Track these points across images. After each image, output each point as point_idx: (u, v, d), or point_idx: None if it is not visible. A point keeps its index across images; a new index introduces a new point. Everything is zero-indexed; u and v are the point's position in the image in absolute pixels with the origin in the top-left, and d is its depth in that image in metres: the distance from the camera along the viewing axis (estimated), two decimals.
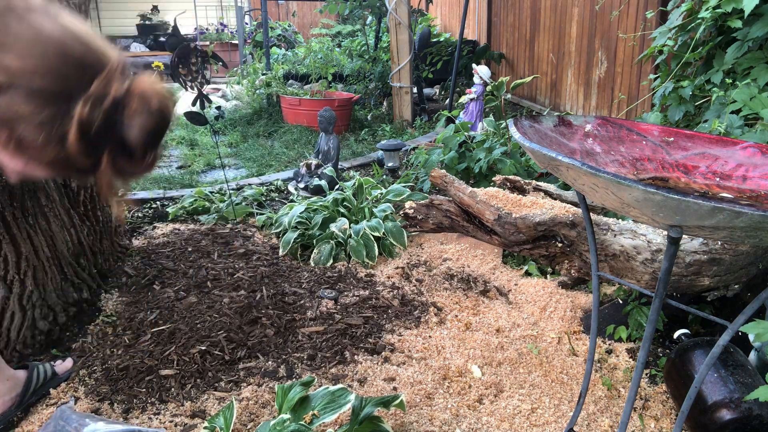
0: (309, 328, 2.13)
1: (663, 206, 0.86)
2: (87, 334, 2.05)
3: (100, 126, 0.83)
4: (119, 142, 0.86)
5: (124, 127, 0.85)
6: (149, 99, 0.87)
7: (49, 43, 0.83)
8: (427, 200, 2.26)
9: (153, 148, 0.91)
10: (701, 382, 1.12)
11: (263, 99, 6.16)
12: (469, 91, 4.58)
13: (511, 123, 1.20)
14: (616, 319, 2.07)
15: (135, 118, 0.86)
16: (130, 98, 0.86)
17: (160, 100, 0.89)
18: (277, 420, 1.39)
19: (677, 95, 2.32)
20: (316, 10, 9.61)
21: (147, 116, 0.87)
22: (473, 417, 1.69)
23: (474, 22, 7.28)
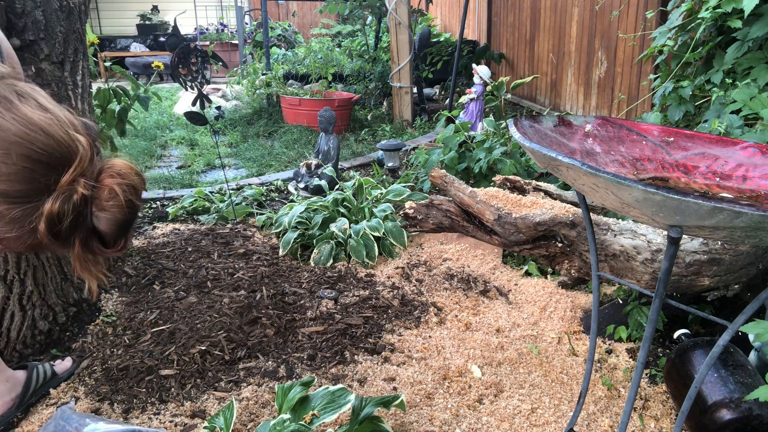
0: (309, 328, 2.13)
1: (663, 206, 0.86)
2: (87, 334, 2.05)
3: (69, 220, 0.84)
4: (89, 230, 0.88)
5: (93, 219, 0.87)
6: (117, 193, 0.87)
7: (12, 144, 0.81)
8: (427, 200, 2.26)
9: (123, 236, 0.92)
10: (701, 382, 1.12)
11: (263, 99, 6.16)
12: (469, 91, 4.58)
13: (511, 123, 1.20)
14: (616, 319, 2.07)
15: (104, 212, 0.87)
16: (99, 192, 0.86)
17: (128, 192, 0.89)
18: (277, 420, 1.39)
19: (677, 95, 2.32)
20: (316, 10, 9.61)
21: (115, 210, 0.88)
22: (473, 417, 1.69)
23: (474, 22, 7.28)
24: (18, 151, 0.82)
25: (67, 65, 1.97)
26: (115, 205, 0.88)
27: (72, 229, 0.87)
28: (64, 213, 0.84)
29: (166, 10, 10.69)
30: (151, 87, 2.99)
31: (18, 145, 0.82)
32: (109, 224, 0.89)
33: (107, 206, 0.88)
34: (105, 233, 0.90)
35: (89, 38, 2.81)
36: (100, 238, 0.91)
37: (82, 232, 0.88)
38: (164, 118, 6.10)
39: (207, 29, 10.20)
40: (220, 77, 9.48)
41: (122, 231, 0.92)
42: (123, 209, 0.89)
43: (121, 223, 0.90)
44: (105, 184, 0.88)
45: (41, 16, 1.83)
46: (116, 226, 0.90)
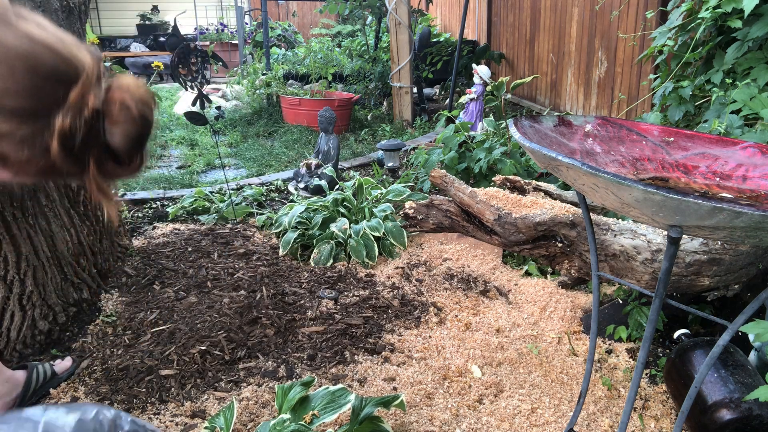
0: (309, 328, 2.13)
1: (663, 206, 0.86)
2: (87, 334, 2.05)
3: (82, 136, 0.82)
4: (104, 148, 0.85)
5: (106, 134, 0.84)
6: (129, 105, 0.85)
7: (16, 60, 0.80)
8: (427, 200, 2.26)
9: (138, 151, 0.89)
10: (701, 382, 1.12)
11: (263, 99, 6.16)
12: (469, 91, 4.58)
13: (511, 123, 1.20)
14: (616, 319, 2.07)
15: (117, 126, 0.85)
16: (110, 106, 0.84)
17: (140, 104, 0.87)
18: (277, 420, 1.39)
19: (677, 95, 2.32)
20: (316, 10, 9.61)
21: (128, 123, 0.86)
22: (473, 417, 1.69)
23: (474, 22, 7.28)
24: (23, 66, 0.80)
25: None
26: (128, 118, 0.86)
27: (86, 145, 0.84)
28: (76, 128, 0.82)
29: (166, 10, 10.69)
30: (151, 87, 3.00)
31: (23, 60, 0.80)
32: (123, 139, 0.86)
33: (120, 120, 0.85)
34: (119, 149, 0.87)
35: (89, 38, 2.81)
36: (114, 157, 0.88)
37: (96, 150, 0.85)
38: (164, 118, 6.10)
39: (207, 29, 10.20)
40: (220, 77, 9.48)
41: (137, 146, 0.88)
42: (136, 122, 0.87)
43: (134, 136, 0.87)
44: (115, 97, 0.85)
45: None
46: (131, 141, 0.87)
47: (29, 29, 0.82)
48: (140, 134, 0.87)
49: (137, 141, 0.87)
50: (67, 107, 0.81)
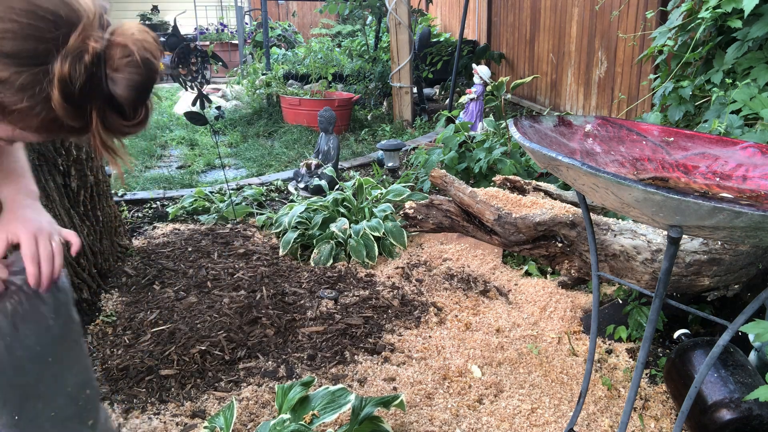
0: (309, 328, 2.13)
1: (663, 206, 0.86)
2: (87, 334, 2.05)
3: (83, 83, 0.79)
4: (107, 99, 0.82)
5: (109, 82, 0.81)
6: (132, 50, 0.81)
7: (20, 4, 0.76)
8: (427, 200, 2.26)
9: (142, 102, 0.86)
10: (701, 382, 1.12)
11: (263, 99, 6.16)
12: (469, 91, 4.58)
13: (511, 123, 1.20)
14: (616, 319, 2.07)
15: (119, 73, 0.81)
16: (112, 51, 0.81)
17: (143, 50, 0.82)
18: (277, 420, 1.39)
19: (677, 95, 2.32)
20: (316, 10, 9.61)
21: (132, 69, 0.82)
22: (473, 417, 1.69)
23: (474, 22, 7.28)
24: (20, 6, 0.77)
25: None
26: (131, 63, 0.82)
27: (87, 94, 0.80)
28: (76, 73, 0.78)
29: (166, 10, 10.70)
30: None
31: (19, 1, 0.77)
32: (127, 87, 0.82)
33: (122, 66, 0.81)
34: (123, 99, 0.83)
35: None
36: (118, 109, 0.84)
37: (99, 101, 0.82)
38: (164, 118, 6.10)
39: (207, 29, 10.20)
40: (220, 77, 9.48)
41: (141, 95, 0.85)
42: (140, 68, 0.83)
43: (139, 84, 0.83)
44: (117, 42, 0.81)
45: None
46: (134, 89, 0.83)
47: None
48: (144, 82, 0.84)
49: (141, 90, 0.84)
50: (67, 51, 0.77)
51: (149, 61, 0.83)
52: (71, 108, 0.79)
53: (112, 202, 2.50)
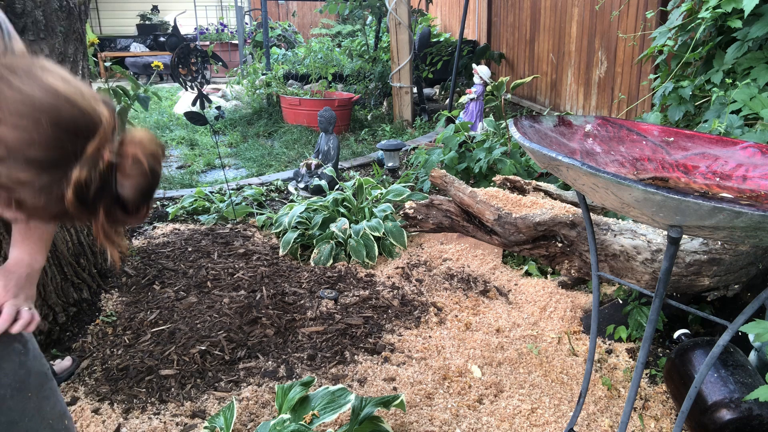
0: (309, 328, 2.13)
1: (663, 206, 0.86)
2: (87, 334, 2.05)
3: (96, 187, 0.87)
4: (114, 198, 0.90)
5: (117, 186, 0.90)
6: (141, 160, 0.90)
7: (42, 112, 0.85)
8: (427, 200, 2.26)
9: (146, 202, 0.94)
10: (701, 382, 1.12)
11: (263, 99, 6.16)
12: (469, 91, 4.58)
13: (511, 123, 1.20)
14: (616, 319, 2.07)
15: (128, 179, 0.90)
16: (124, 159, 0.89)
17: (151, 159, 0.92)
18: (277, 420, 1.39)
19: (677, 95, 2.32)
20: (316, 10, 9.61)
21: (140, 177, 0.91)
22: (473, 417, 1.69)
23: (474, 22, 7.28)
24: (47, 120, 0.85)
25: (66, 65, 1.97)
26: (139, 173, 0.91)
27: (98, 196, 0.89)
28: (91, 180, 0.87)
29: (166, 10, 10.69)
30: (151, 87, 3.00)
31: (47, 113, 0.85)
32: (133, 191, 0.91)
33: (131, 173, 0.90)
34: (128, 200, 0.92)
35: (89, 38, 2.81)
36: (122, 206, 0.92)
37: (107, 200, 0.90)
38: (164, 118, 6.10)
39: (207, 29, 10.20)
40: (220, 77, 9.48)
41: (145, 198, 0.93)
42: (146, 176, 0.92)
43: (144, 189, 0.92)
44: (128, 152, 0.90)
45: (41, 16, 1.83)
46: (140, 193, 0.92)
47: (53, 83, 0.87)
48: (149, 187, 0.93)
49: (146, 193, 0.93)
50: (84, 160, 0.86)
51: (155, 170, 0.93)
52: (82, 207, 0.88)
53: None
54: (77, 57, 2.03)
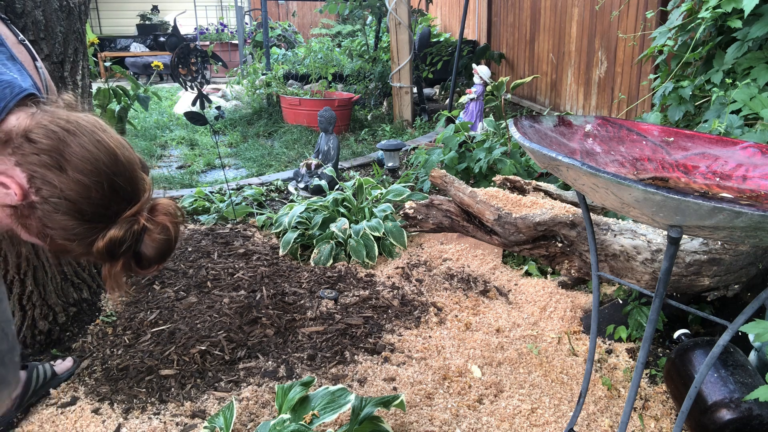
0: (309, 328, 2.13)
1: (663, 206, 0.86)
2: (87, 334, 2.05)
3: (126, 245, 0.99)
4: (136, 254, 1.02)
5: (141, 247, 1.02)
6: (169, 229, 1.04)
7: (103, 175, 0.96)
8: (427, 200, 2.26)
9: (163, 261, 1.07)
10: (701, 382, 1.12)
11: (263, 99, 6.16)
12: (469, 91, 4.58)
13: (511, 123, 1.20)
14: (616, 319, 2.07)
15: (154, 242, 1.02)
16: (154, 226, 1.02)
17: (176, 228, 1.06)
18: (277, 420, 1.39)
19: (677, 95, 2.32)
20: (316, 10, 9.61)
21: (163, 242, 1.03)
22: (473, 417, 1.69)
23: (474, 22, 7.28)
24: (107, 181, 0.96)
25: (67, 65, 1.97)
26: (164, 239, 1.03)
27: (125, 251, 1.00)
28: (125, 239, 0.98)
29: (166, 10, 10.69)
30: (151, 87, 2.99)
31: (107, 176, 0.97)
32: (155, 252, 1.03)
33: (158, 238, 1.02)
34: (147, 258, 1.03)
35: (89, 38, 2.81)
36: (138, 261, 1.04)
37: (129, 254, 1.02)
38: (164, 118, 6.10)
39: (207, 29, 10.20)
40: (220, 77, 9.48)
41: (162, 258, 1.06)
42: (170, 242, 1.05)
43: (164, 252, 1.05)
44: (160, 220, 1.03)
45: (41, 16, 1.83)
46: (159, 255, 1.04)
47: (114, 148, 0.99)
48: (169, 251, 1.06)
49: (165, 255, 1.06)
50: (122, 220, 0.98)
51: (177, 237, 1.07)
52: (108, 256, 1.00)
53: None
54: (77, 57, 2.03)
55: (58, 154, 0.94)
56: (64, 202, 0.94)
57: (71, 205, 0.95)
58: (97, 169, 0.95)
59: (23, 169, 0.94)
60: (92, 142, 0.96)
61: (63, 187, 0.93)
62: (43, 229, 0.97)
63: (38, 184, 0.94)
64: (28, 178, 0.94)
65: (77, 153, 0.95)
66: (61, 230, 0.97)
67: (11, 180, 0.94)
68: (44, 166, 0.93)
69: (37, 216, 0.96)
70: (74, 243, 0.98)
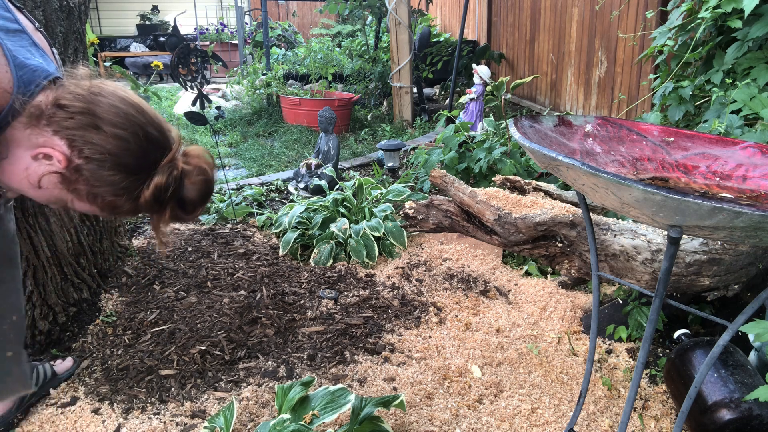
0: (309, 328, 2.13)
1: (663, 206, 0.86)
2: (87, 334, 2.05)
3: (171, 190, 1.06)
4: (179, 200, 1.10)
5: (184, 190, 1.09)
6: (205, 169, 1.11)
7: (137, 126, 1.03)
8: (427, 200, 2.26)
9: (205, 204, 1.15)
10: (701, 382, 1.12)
11: (263, 99, 6.16)
12: (469, 91, 4.58)
13: (511, 123, 1.20)
14: (616, 319, 2.07)
15: (193, 185, 1.10)
16: (191, 169, 1.09)
17: (210, 170, 1.13)
18: (277, 420, 1.39)
19: (677, 95, 2.32)
20: (316, 10, 9.61)
21: (202, 184, 1.11)
22: (473, 417, 1.69)
23: (474, 22, 7.28)
24: (142, 132, 1.03)
25: (67, 65, 1.97)
26: (204, 180, 1.10)
27: (170, 197, 1.07)
28: (168, 184, 1.05)
29: (166, 10, 10.69)
30: (151, 87, 2.99)
31: (141, 127, 1.03)
32: (197, 194, 1.10)
33: (198, 180, 1.09)
34: (189, 202, 1.10)
35: (89, 38, 2.81)
36: (182, 207, 1.11)
37: (174, 201, 1.08)
38: (164, 118, 6.09)
39: (207, 29, 10.20)
40: (220, 77, 9.48)
41: (203, 200, 1.13)
42: (210, 183, 1.12)
43: (204, 193, 1.12)
44: (195, 163, 1.10)
45: (41, 16, 1.83)
46: (201, 196, 1.11)
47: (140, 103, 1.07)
48: (209, 191, 1.14)
49: (205, 197, 1.13)
50: (162, 168, 1.05)
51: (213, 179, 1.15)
52: (155, 206, 1.07)
53: None
54: (77, 57, 2.03)
55: (91, 113, 0.99)
56: (107, 156, 0.99)
57: (113, 158, 1.00)
58: (130, 121, 1.01)
59: (61, 136, 1.00)
60: (119, 99, 1.02)
61: (102, 143, 0.99)
62: (92, 191, 1.03)
63: (79, 145, 0.99)
64: (68, 143, 1.00)
65: (108, 110, 1.00)
66: (108, 186, 1.02)
67: (53, 149, 1.00)
68: (81, 127, 0.99)
69: (84, 178, 1.01)
70: (123, 198, 1.04)
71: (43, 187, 1.04)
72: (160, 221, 1.11)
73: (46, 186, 1.04)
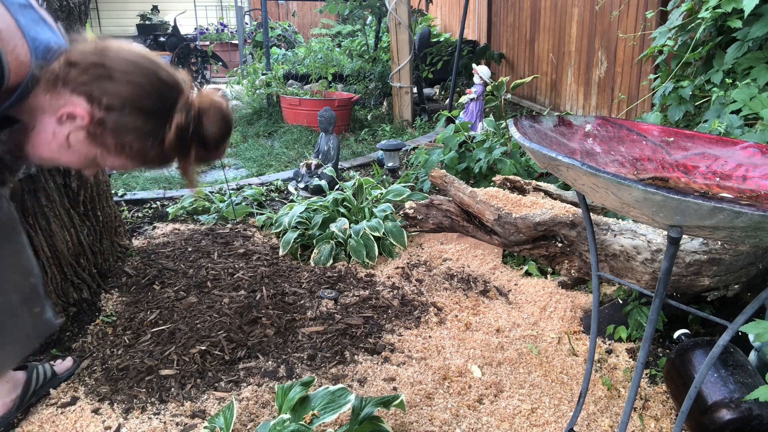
0: (309, 328, 2.13)
1: (663, 206, 0.86)
2: (87, 334, 2.05)
3: (192, 129, 1.09)
4: (201, 139, 1.12)
5: (204, 128, 1.11)
6: (220, 105, 1.14)
7: (148, 70, 1.06)
8: (427, 200, 2.26)
9: (225, 140, 1.17)
10: (701, 382, 1.12)
11: (263, 99, 6.16)
12: (469, 91, 4.58)
13: (511, 123, 1.20)
14: (616, 319, 2.07)
15: (213, 123, 1.12)
16: (207, 107, 1.12)
17: (226, 107, 1.15)
18: (277, 420, 1.39)
19: (677, 95, 2.32)
20: (316, 10, 9.61)
21: (220, 120, 1.13)
22: (473, 417, 1.69)
23: (474, 22, 7.28)
24: (154, 75, 1.06)
25: None
26: (221, 115, 1.13)
27: (193, 136, 1.10)
28: (189, 123, 1.08)
29: (166, 10, 10.69)
30: None
31: (152, 70, 1.07)
32: (217, 130, 1.13)
33: (215, 116, 1.12)
34: (212, 139, 1.13)
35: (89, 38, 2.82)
36: (206, 147, 1.14)
37: (197, 140, 1.11)
38: None
39: (207, 29, 10.20)
40: (220, 77, 9.47)
41: (225, 136, 1.15)
42: (227, 118, 1.14)
43: (224, 129, 1.14)
44: (208, 101, 1.12)
45: None
46: (221, 132, 1.14)
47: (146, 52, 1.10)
48: (228, 127, 1.16)
49: (226, 132, 1.16)
50: (180, 107, 1.08)
51: (230, 115, 1.18)
52: (179, 146, 1.10)
53: (112, 202, 2.50)
54: None
55: (102, 65, 1.04)
56: (125, 102, 1.03)
57: (132, 103, 1.04)
58: (140, 67, 1.05)
59: (79, 92, 1.04)
60: (125, 49, 1.07)
61: (118, 90, 1.03)
62: (119, 141, 1.06)
63: (97, 97, 1.03)
64: (86, 98, 1.04)
65: (118, 59, 1.04)
66: (133, 133, 1.06)
67: (74, 108, 1.04)
68: (95, 80, 1.03)
69: (109, 128, 1.05)
70: (149, 143, 1.07)
71: (73, 147, 1.08)
72: (188, 164, 1.14)
73: (75, 146, 1.08)
